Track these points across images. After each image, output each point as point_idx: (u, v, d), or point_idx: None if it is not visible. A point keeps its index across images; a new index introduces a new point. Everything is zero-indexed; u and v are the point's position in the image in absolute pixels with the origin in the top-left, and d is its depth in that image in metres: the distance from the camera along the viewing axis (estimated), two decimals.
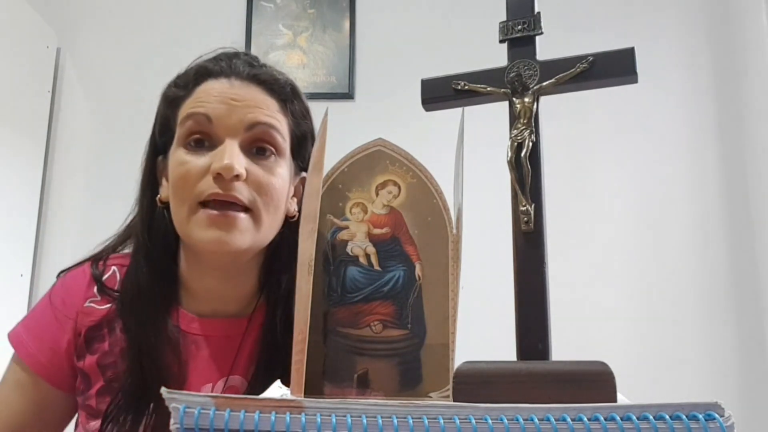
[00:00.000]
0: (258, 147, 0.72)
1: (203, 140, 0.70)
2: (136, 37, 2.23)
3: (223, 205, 0.69)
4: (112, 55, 2.23)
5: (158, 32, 2.23)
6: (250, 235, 0.71)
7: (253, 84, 0.73)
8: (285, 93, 0.75)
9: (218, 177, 0.68)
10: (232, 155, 0.68)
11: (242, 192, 0.69)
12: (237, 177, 0.68)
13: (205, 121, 0.70)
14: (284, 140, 0.74)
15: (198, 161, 0.70)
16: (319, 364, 0.50)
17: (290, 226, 0.78)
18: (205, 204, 0.69)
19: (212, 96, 0.71)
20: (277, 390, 0.56)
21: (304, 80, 2.22)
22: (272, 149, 0.73)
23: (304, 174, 0.79)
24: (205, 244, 0.70)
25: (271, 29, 2.26)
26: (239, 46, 2.47)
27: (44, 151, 2.10)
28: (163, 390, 0.37)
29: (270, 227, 0.74)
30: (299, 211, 0.79)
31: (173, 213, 0.73)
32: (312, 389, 0.49)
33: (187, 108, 0.72)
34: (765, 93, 1.93)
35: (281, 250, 0.79)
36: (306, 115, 0.79)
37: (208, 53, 0.78)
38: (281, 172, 0.73)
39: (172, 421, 0.36)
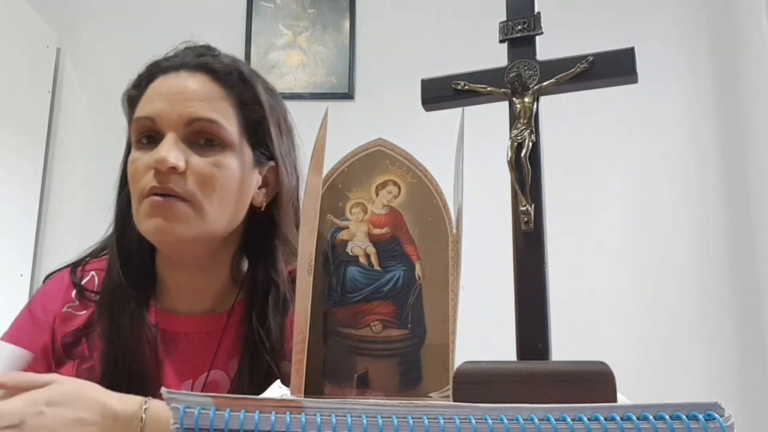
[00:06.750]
0: (205, 138, 0.72)
1: (153, 136, 0.72)
2: (136, 37, 2.23)
3: (163, 196, 0.70)
4: (112, 55, 2.22)
5: (158, 32, 2.22)
6: (194, 224, 0.71)
7: (199, 73, 0.74)
8: (231, 80, 0.75)
9: (157, 170, 0.69)
10: (169, 148, 0.69)
11: (178, 184, 0.70)
12: (174, 169, 0.69)
13: (149, 123, 0.72)
14: (229, 132, 0.73)
15: (144, 157, 0.71)
16: (319, 364, 0.50)
17: (260, 218, 0.78)
18: (148, 196, 0.71)
19: (157, 94, 0.73)
20: (277, 390, 0.56)
21: (304, 80, 2.22)
22: (218, 141, 0.73)
23: (272, 163, 0.79)
24: (150, 234, 0.72)
25: (271, 29, 2.26)
26: (239, 46, 2.47)
27: (44, 151, 2.10)
28: (163, 390, 0.37)
29: (219, 217, 0.73)
30: (277, 199, 0.79)
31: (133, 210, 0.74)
32: (312, 389, 0.49)
33: (137, 110, 0.74)
34: (765, 93, 1.93)
35: (254, 243, 0.79)
36: (257, 101, 0.77)
37: (174, 48, 0.80)
38: (228, 164, 0.73)
39: (172, 421, 0.36)
